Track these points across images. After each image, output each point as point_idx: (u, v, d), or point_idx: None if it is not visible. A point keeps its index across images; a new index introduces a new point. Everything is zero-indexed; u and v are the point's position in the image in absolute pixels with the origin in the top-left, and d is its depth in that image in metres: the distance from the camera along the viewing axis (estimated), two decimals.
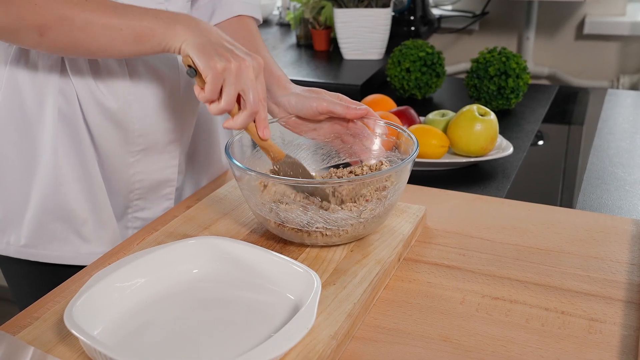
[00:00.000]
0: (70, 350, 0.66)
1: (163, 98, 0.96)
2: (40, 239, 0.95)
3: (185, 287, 0.74)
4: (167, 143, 1.00)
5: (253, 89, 0.79)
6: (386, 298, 0.78)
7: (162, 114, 0.97)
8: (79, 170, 0.93)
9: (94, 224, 0.96)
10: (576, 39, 2.19)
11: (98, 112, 0.92)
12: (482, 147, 1.22)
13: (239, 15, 1.04)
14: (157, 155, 0.99)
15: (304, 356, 0.64)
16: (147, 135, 0.96)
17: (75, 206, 0.94)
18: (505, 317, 0.74)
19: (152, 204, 1.03)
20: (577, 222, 0.93)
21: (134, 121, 0.94)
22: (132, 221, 1.03)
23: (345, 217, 0.80)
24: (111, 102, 0.92)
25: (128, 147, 0.96)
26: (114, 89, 0.92)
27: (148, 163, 0.99)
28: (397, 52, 1.63)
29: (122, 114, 0.93)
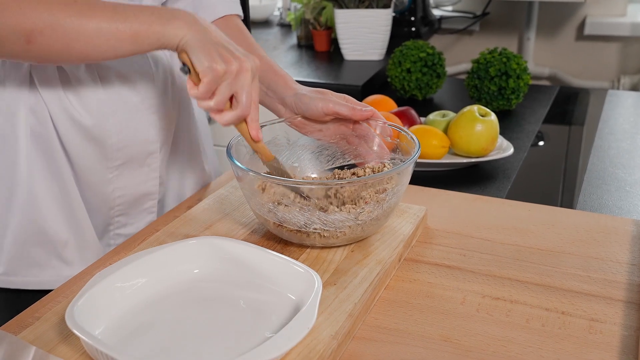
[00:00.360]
0: (71, 349, 0.66)
1: (140, 108, 0.93)
2: (20, 265, 0.91)
3: (186, 287, 0.75)
4: (146, 155, 0.96)
5: (247, 92, 0.78)
6: (387, 298, 0.78)
7: (139, 125, 0.94)
8: (56, 190, 0.90)
9: (75, 246, 0.93)
10: (577, 40, 2.19)
11: (73, 130, 0.89)
12: (483, 147, 1.22)
13: (224, 16, 1.01)
14: (136, 169, 0.96)
15: (304, 356, 0.64)
16: (126, 148, 0.93)
17: (54, 228, 0.90)
18: (505, 317, 0.74)
19: (134, 219, 1.00)
20: (577, 222, 0.93)
21: (110, 135, 0.91)
22: (114, 238, 0.99)
23: (342, 219, 0.80)
24: (86, 118, 0.89)
25: (106, 162, 0.92)
26: (88, 104, 0.89)
27: (128, 177, 0.96)
28: (398, 52, 1.63)
29: (98, 129, 0.90)
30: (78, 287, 0.78)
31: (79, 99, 0.88)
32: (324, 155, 0.97)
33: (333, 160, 0.97)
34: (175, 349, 0.65)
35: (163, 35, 0.76)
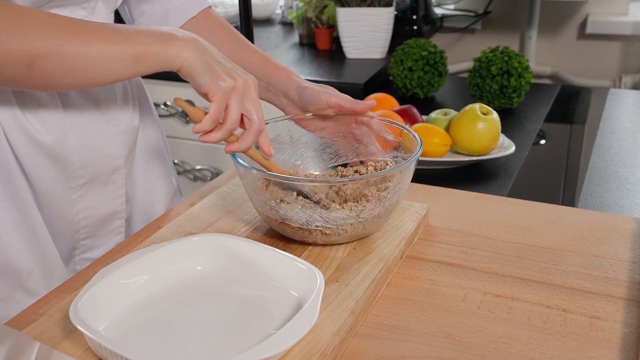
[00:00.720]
0: (75, 345, 0.66)
1: (101, 122, 0.90)
2: None
3: (189, 283, 0.75)
4: (111, 171, 0.93)
5: (257, 108, 0.77)
6: (389, 295, 0.78)
7: (102, 140, 0.90)
8: (16, 217, 0.84)
9: (40, 275, 0.87)
10: (578, 39, 2.19)
11: (31, 149, 0.84)
12: (485, 145, 1.23)
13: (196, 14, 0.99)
14: (101, 187, 0.92)
15: (307, 352, 0.65)
16: (89, 166, 0.89)
17: (17, 259, 0.84)
18: (507, 314, 0.74)
19: (101, 241, 0.96)
20: (579, 220, 0.93)
21: (72, 153, 0.87)
22: (80, 263, 0.95)
23: (344, 217, 0.81)
24: (44, 135, 0.84)
25: (69, 182, 0.88)
26: (46, 120, 0.84)
27: (93, 197, 0.91)
28: (400, 51, 1.63)
29: (59, 146, 0.85)
30: (81, 284, 0.78)
31: (35, 116, 0.83)
32: (326, 153, 0.97)
33: (336, 158, 0.97)
34: (179, 345, 0.66)
35: (165, 57, 0.75)
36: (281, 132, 0.95)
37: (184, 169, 2.02)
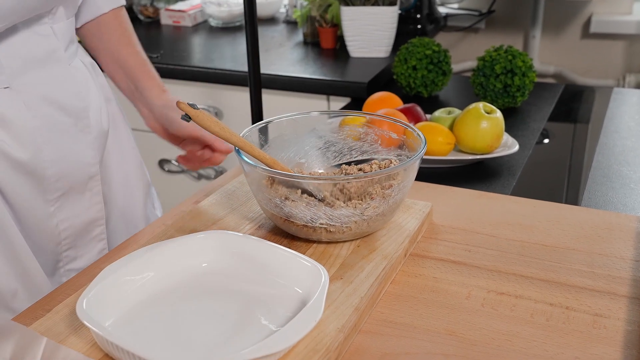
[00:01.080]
0: (82, 341, 0.67)
1: (74, 131, 0.89)
2: None
3: (194, 280, 0.75)
4: (87, 179, 0.92)
5: None
6: (393, 292, 0.79)
7: (76, 149, 0.89)
8: None
9: (25, 293, 0.86)
10: (582, 38, 2.19)
11: (5, 166, 0.83)
12: (488, 144, 1.23)
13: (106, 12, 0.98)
14: (78, 196, 0.91)
15: (311, 348, 0.65)
16: (65, 177, 0.88)
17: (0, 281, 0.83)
18: (510, 312, 0.75)
19: (83, 250, 0.95)
20: (582, 219, 0.94)
21: (48, 166, 0.86)
22: (65, 275, 0.94)
23: (348, 214, 0.81)
24: (19, 152, 0.83)
25: (45, 195, 0.87)
26: (19, 136, 0.82)
27: (71, 207, 0.91)
28: (404, 50, 1.64)
29: (34, 162, 0.84)
30: (88, 280, 0.79)
31: (8, 132, 0.82)
32: (330, 151, 0.98)
33: (340, 156, 0.98)
34: (184, 341, 0.66)
35: None
36: (286, 130, 0.95)
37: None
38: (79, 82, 0.90)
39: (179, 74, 1.87)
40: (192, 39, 2.14)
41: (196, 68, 1.86)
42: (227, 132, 0.82)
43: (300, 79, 1.76)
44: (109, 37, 0.96)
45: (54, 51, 0.85)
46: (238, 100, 1.86)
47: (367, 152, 0.96)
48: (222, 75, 1.84)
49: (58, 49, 0.86)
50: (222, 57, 1.94)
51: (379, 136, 0.95)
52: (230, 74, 1.82)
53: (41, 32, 0.84)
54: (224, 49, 2.02)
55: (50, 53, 0.85)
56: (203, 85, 1.88)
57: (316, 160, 0.98)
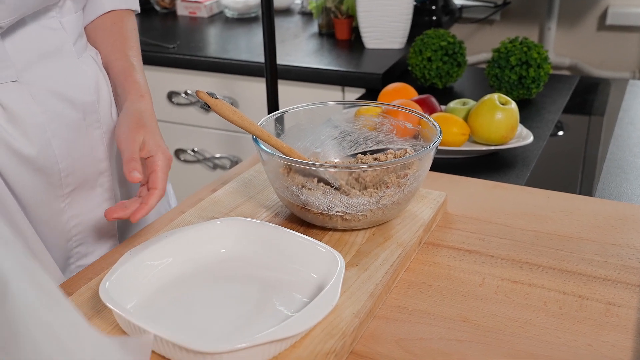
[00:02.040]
0: (104, 323, 0.69)
1: (83, 125, 0.88)
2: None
3: (213, 265, 0.77)
4: (97, 175, 0.92)
5: None
6: (407, 280, 0.80)
7: (86, 144, 0.89)
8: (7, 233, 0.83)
9: None
10: (598, 30, 2.19)
11: (14, 162, 0.82)
12: (503, 135, 1.24)
13: (110, 11, 0.95)
14: (89, 192, 0.91)
15: (327, 332, 0.67)
16: (75, 172, 0.88)
17: None
18: (523, 299, 0.76)
19: (94, 247, 0.94)
20: (596, 209, 0.94)
21: (57, 161, 0.85)
22: (76, 272, 0.92)
23: (364, 202, 0.82)
24: (27, 147, 0.82)
25: (56, 191, 0.86)
26: (26, 130, 0.82)
27: (81, 203, 0.90)
28: (419, 41, 1.64)
29: (43, 157, 0.83)
30: (108, 264, 0.80)
31: (15, 127, 0.81)
32: (346, 141, 0.99)
33: (355, 146, 0.99)
34: (204, 324, 0.68)
35: None
36: (302, 119, 0.97)
37: (203, 157, 2.04)
38: (89, 76, 0.89)
39: (195, 64, 1.89)
40: (208, 30, 2.16)
41: (212, 59, 1.87)
42: (246, 121, 0.84)
43: (316, 69, 1.77)
44: (102, 39, 0.94)
45: (62, 45, 0.86)
46: (253, 91, 1.87)
47: (382, 142, 0.97)
48: (237, 65, 1.85)
49: (66, 42, 0.86)
50: (238, 48, 1.95)
51: (394, 126, 0.96)
52: (245, 64, 1.84)
53: (49, 26, 0.84)
54: (239, 39, 2.03)
55: (59, 47, 0.85)
56: (219, 75, 1.90)
57: (332, 150, 0.99)
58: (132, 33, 0.95)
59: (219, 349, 0.59)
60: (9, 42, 0.79)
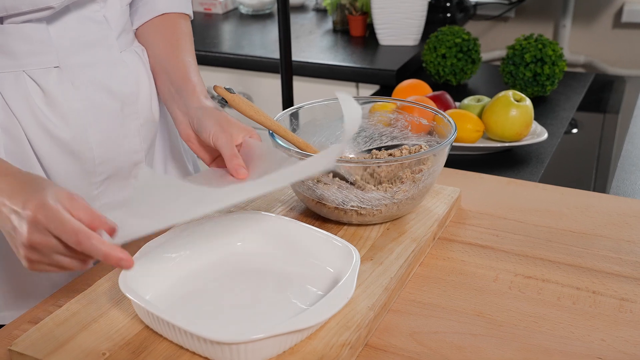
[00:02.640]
0: (123, 314, 0.70)
1: (120, 116, 0.89)
2: (15, 298, 0.87)
3: (229, 258, 0.78)
4: (132, 166, 0.92)
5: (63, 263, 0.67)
6: (421, 274, 0.80)
7: (122, 134, 0.89)
8: None
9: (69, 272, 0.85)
10: (614, 27, 2.18)
11: (50, 145, 0.84)
12: (517, 132, 1.24)
13: (164, 13, 0.96)
14: (122, 182, 0.92)
15: (342, 325, 0.67)
16: (109, 161, 0.89)
17: None
18: (537, 295, 0.76)
19: None
20: (610, 206, 0.94)
21: (91, 148, 0.86)
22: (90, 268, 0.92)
23: (379, 197, 0.83)
24: (63, 130, 0.84)
25: (89, 178, 0.88)
26: (64, 115, 0.83)
27: (114, 192, 0.91)
28: (434, 38, 1.64)
29: (78, 142, 0.85)
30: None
31: (53, 110, 0.83)
32: (361, 136, 0.99)
33: (370, 141, 0.99)
34: (221, 314, 0.69)
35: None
36: (317, 115, 0.97)
37: None
38: (130, 69, 0.91)
39: (210, 60, 1.90)
40: (222, 26, 2.17)
41: (226, 55, 1.88)
42: (262, 115, 0.85)
43: (330, 66, 1.77)
44: (155, 40, 0.95)
45: (105, 37, 0.87)
46: (267, 87, 1.88)
47: (397, 138, 0.98)
48: (252, 61, 1.86)
49: (109, 36, 0.88)
50: (252, 44, 1.96)
51: (409, 122, 0.97)
52: (260, 60, 1.85)
53: (93, 18, 0.86)
54: (254, 36, 2.04)
55: (101, 39, 0.87)
56: (233, 71, 1.91)
57: (347, 145, 1.00)
58: (186, 36, 0.96)
59: (236, 339, 0.60)
60: (53, 30, 0.82)
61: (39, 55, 0.82)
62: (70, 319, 0.69)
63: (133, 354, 0.65)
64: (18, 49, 0.80)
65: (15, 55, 0.80)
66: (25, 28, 0.80)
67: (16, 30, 0.79)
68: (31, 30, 0.80)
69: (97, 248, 0.63)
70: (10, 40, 0.80)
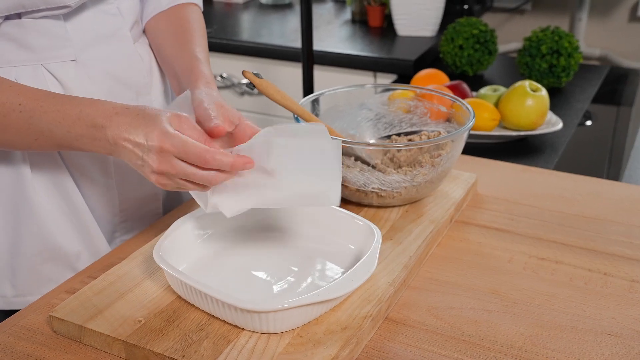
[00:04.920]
0: (156, 285, 0.74)
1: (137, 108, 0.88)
2: (33, 284, 0.89)
3: (257, 236, 0.82)
4: None
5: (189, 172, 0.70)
6: (439, 254, 0.84)
7: None
8: (62, 204, 0.88)
9: (88, 256, 0.91)
10: (630, 21, 2.19)
11: None
12: (533, 121, 1.27)
13: (171, 6, 0.96)
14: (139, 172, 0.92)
15: (365, 298, 0.71)
16: None
17: (66, 243, 0.89)
18: (550, 275, 0.79)
19: (139, 222, 0.98)
20: (622, 193, 0.97)
21: None
22: (119, 245, 0.93)
23: (399, 180, 0.86)
24: None
25: (106, 168, 0.90)
26: None
27: (130, 181, 0.94)
28: (451, 29, 1.67)
29: None
30: (151, 236, 0.86)
31: None
32: (381, 122, 1.03)
33: (390, 128, 1.02)
34: (249, 286, 0.73)
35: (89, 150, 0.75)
36: (339, 101, 1.01)
37: None
38: (144, 60, 0.93)
39: (231, 48, 1.93)
40: (242, 16, 2.20)
41: (247, 43, 1.92)
42: (288, 100, 0.88)
43: (348, 55, 1.80)
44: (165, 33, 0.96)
45: (119, 29, 0.90)
46: (285, 75, 1.91)
47: (416, 125, 1.01)
48: (271, 50, 1.89)
49: (123, 27, 0.90)
50: (272, 34, 1.99)
51: (428, 109, 1.00)
52: (279, 49, 1.88)
53: (108, 11, 0.89)
54: (273, 25, 2.07)
55: (115, 31, 0.90)
56: (253, 59, 1.94)
57: (367, 131, 1.03)
58: (196, 26, 0.95)
59: (266, 308, 0.63)
60: (70, 24, 0.84)
61: (56, 49, 0.84)
62: (107, 288, 0.73)
63: (167, 321, 0.68)
64: (36, 43, 0.82)
65: (34, 49, 0.82)
66: (43, 23, 0.82)
67: (34, 25, 0.81)
68: (49, 25, 0.82)
69: (223, 161, 0.68)
70: (29, 35, 0.81)
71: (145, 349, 0.65)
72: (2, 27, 0.80)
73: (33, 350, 0.69)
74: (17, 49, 0.81)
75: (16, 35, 0.81)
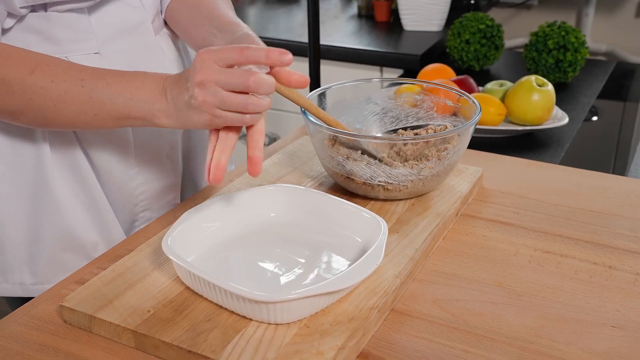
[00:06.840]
0: (164, 276, 0.75)
1: None
2: (52, 272, 0.91)
3: (263, 228, 0.82)
4: (169, 148, 0.97)
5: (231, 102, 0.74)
6: (445, 247, 0.84)
7: None
8: (80, 194, 0.90)
9: (105, 246, 0.93)
10: (636, 17, 2.19)
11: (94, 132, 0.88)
12: (539, 116, 1.27)
13: None
14: (158, 162, 0.96)
15: (371, 290, 0.72)
16: (148, 144, 0.93)
17: (83, 233, 0.91)
18: (555, 268, 0.80)
19: (158, 212, 1.00)
20: (628, 188, 0.98)
21: (131, 132, 0.91)
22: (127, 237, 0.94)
23: (405, 174, 0.87)
24: None
25: (128, 159, 0.92)
26: None
27: (150, 172, 0.95)
28: (458, 24, 1.67)
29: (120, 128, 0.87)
30: (163, 227, 0.86)
31: None
32: (387, 116, 1.03)
33: (396, 122, 1.03)
34: (257, 277, 0.74)
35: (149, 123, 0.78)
36: (346, 95, 1.01)
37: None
38: (165, 52, 0.95)
39: None
40: (249, 10, 2.20)
41: None
42: (295, 94, 0.89)
43: (355, 50, 1.81)
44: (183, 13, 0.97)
45: (141, 22, 0.91)
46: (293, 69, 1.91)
47: (422, 119, 1.02)
48: (278, 45, 1.89)
49: (146, 20, 0.92)
50: (278, 28, 1.99)
51: (434, 103, 1.00)
52: (286, 44, 1.88)
53: (130, 4, 0.90)
54: (279, 20, 2.08)
55: (138, 24, 0.91)
56: None
57: (374, 125, 1.04)
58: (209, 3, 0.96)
59: (273, 299, 0.64)
60: (93, 17, 0.86)
61: (80, 42, 0.85)
62: (116, 279, 0.74)
63: (175, 311, 0.69)
64: (61, 36, 0.84)
65: (59, 41, 0.84)
66: (67, 16, 0.83)
67: (59, 18, 0.83)
68: (73, 18, 0.84)
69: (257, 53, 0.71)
70: (54, 28, 0.83)
71: (155, 338, 0.66)
72: (28, 19, 0.81)
73: (44, 339, 0.70)
74: (42, 41, 0.83)
75: (41, 28, 0.82)
